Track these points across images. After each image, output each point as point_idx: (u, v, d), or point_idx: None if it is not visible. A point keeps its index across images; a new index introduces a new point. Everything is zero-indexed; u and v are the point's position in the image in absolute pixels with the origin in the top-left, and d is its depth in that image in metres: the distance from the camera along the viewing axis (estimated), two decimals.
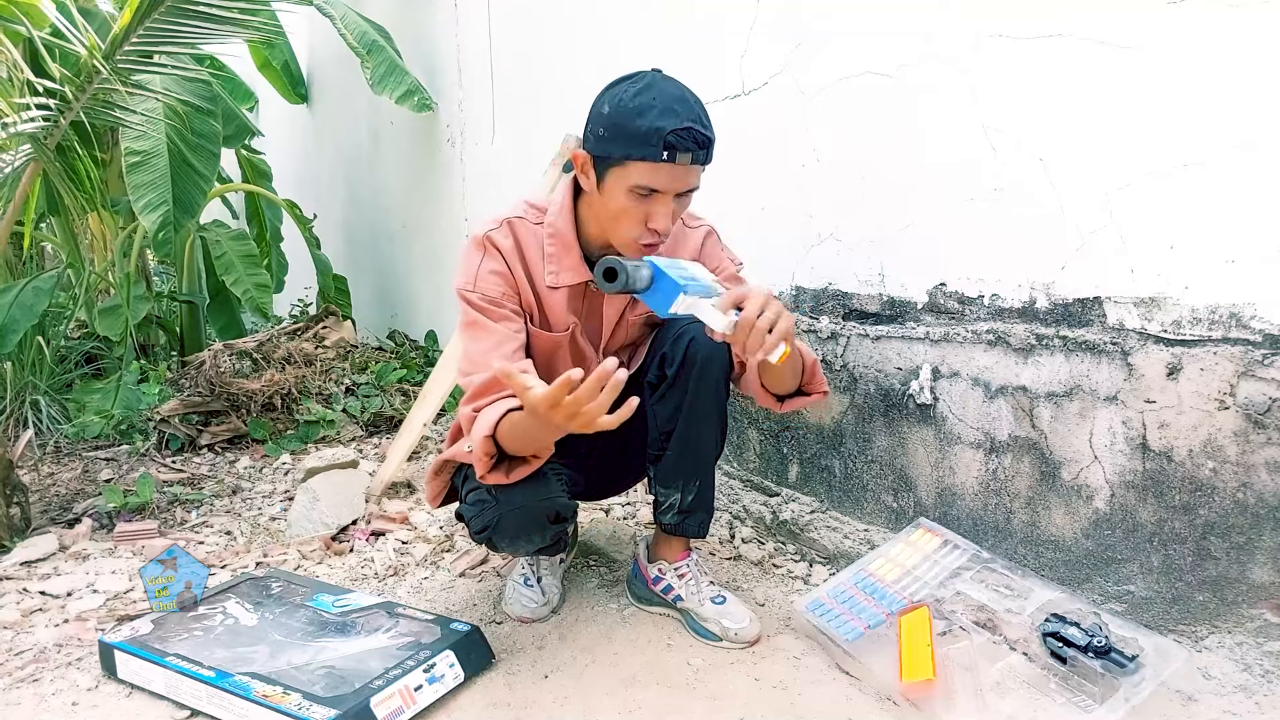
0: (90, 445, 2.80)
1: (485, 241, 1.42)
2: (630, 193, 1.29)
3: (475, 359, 1.37)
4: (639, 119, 1.25)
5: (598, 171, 1.33)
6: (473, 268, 1.42)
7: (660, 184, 1.28)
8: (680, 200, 1.33)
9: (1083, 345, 1.42)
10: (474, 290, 1.40)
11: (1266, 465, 1.25)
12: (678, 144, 1.24)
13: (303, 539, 2.05)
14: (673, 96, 1.27)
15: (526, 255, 1.44)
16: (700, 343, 1.44)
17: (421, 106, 3.27)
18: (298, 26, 4.69)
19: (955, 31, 1.54)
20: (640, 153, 1.25)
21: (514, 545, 1.46)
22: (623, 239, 1.35)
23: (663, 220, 1.30)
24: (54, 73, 2.03)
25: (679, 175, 1.28)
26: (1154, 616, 1.38)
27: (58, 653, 1.52)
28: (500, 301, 1.41)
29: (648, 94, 1.27)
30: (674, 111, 1.25)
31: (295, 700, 1.24)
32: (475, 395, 1.33)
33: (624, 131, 1.26)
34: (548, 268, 1.43)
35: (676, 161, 1.25)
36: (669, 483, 1.55)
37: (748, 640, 1.49)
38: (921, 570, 1.53)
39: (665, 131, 1.23)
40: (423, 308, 4.00)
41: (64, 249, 3.51)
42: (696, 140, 1.26)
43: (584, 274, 1.44)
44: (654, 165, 1.26)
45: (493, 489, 1.37)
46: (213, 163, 2.94)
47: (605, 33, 2.48)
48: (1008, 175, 1.50)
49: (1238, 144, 1.23)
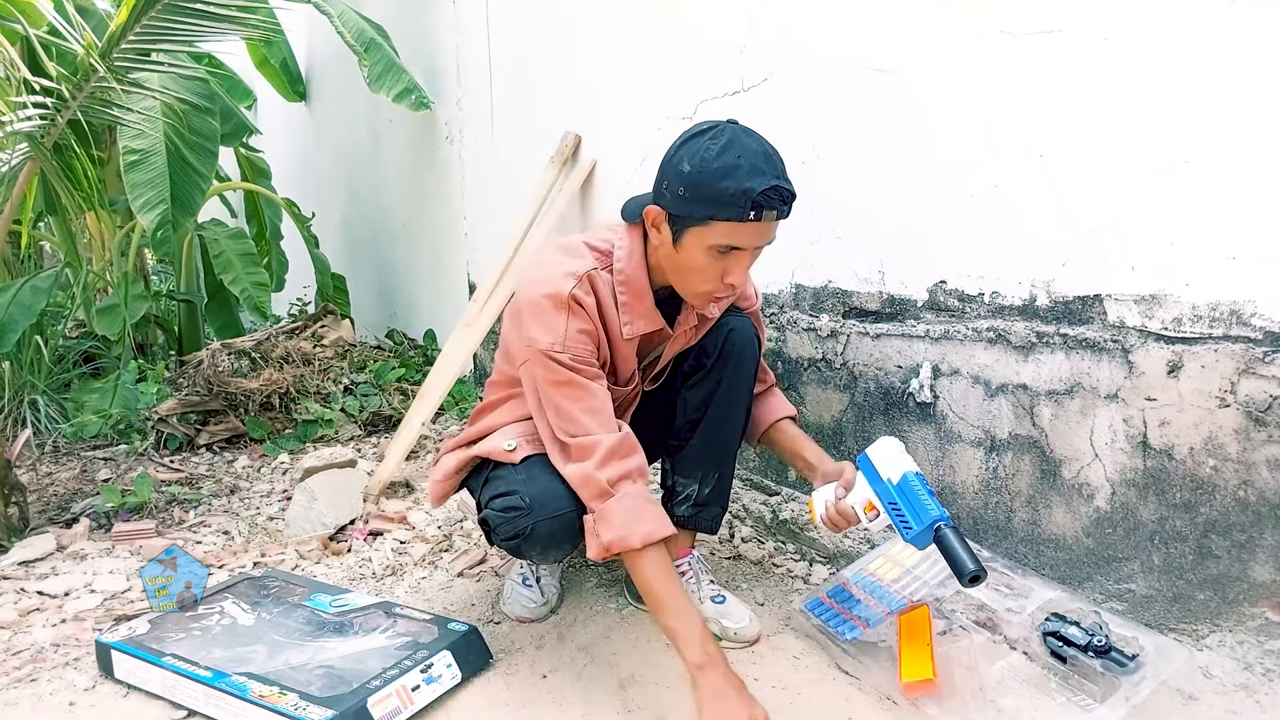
0: (88, 445, 2.80)
1: (571, 301, 1.33)
2: (710, 250, 1.27)
3: (577, 419, 1.32)
4: (725, 180, 1.21)
5: (674, 228, 1.30)
6: (559, 328, 1.32)
7: (743, 242, 1.26)
8: (756, 252, 1.31)
9: (1083, 343, 1.42)
10: (564, 351, 1.32)
11: (1267, 463, 1.24)
12: (765, 203, 1.21)
13: (300, 539, 2.04)
14: (757, 154, 1.23)
15: (604, 310, 1.38)
16: (738, 335, 1.49)
17: (419, 105, 3.26)
18: (296, 24, 4.68)
19: (956, 28, 1.54)
20: (726, 214, 1.23)
21: (544, 554, 1.43)
22: (696, 293, 1.34)
23: (740, 275, 1.30)
24: (51, 71, 2.02)
25: (762, 232, 1.26)
26: (1155, 615, 1.37)
27: (55, 652, 1.51)
28: (590, 361, 1.35)
29: (730, 152, 1.22)
30: (760, 171, 1.21)
31: (292, 700, 1.23)
32: (606, 460, 1.30)
33: (709, 193, 1.22)
34: (623, 318, 1.39)
35: (763, 220, 1.23)
36: (690, 472, 1.56)
37: (747, 640, 1.49)
38: (921, 569, 1.52)
39: (755, 193, 1.20)
40: (422, 307, 3.99)
41: (62, 248, 3.50)
42: (782, 198, 1.23)
43: (657, 321, 1.42)
44: (739, 225, 1.23)
45: (526, 497, 1.36)
46: (211, 161, 2.93)
47: (604, 30, 2.47)
48: (1008, 172, 1.49)
49: (1238, 140, 1.22)
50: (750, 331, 1.52)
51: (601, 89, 2.52)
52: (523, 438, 1.42)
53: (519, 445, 1.41)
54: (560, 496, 1.34)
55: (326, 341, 3.41)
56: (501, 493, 1.39)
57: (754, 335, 1.52)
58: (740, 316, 1.54)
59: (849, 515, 1.37)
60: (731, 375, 1.50)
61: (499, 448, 1.42)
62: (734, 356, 1.49)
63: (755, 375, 1.54)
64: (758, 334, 1.53)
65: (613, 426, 1.34)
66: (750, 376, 1.52)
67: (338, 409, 2.99)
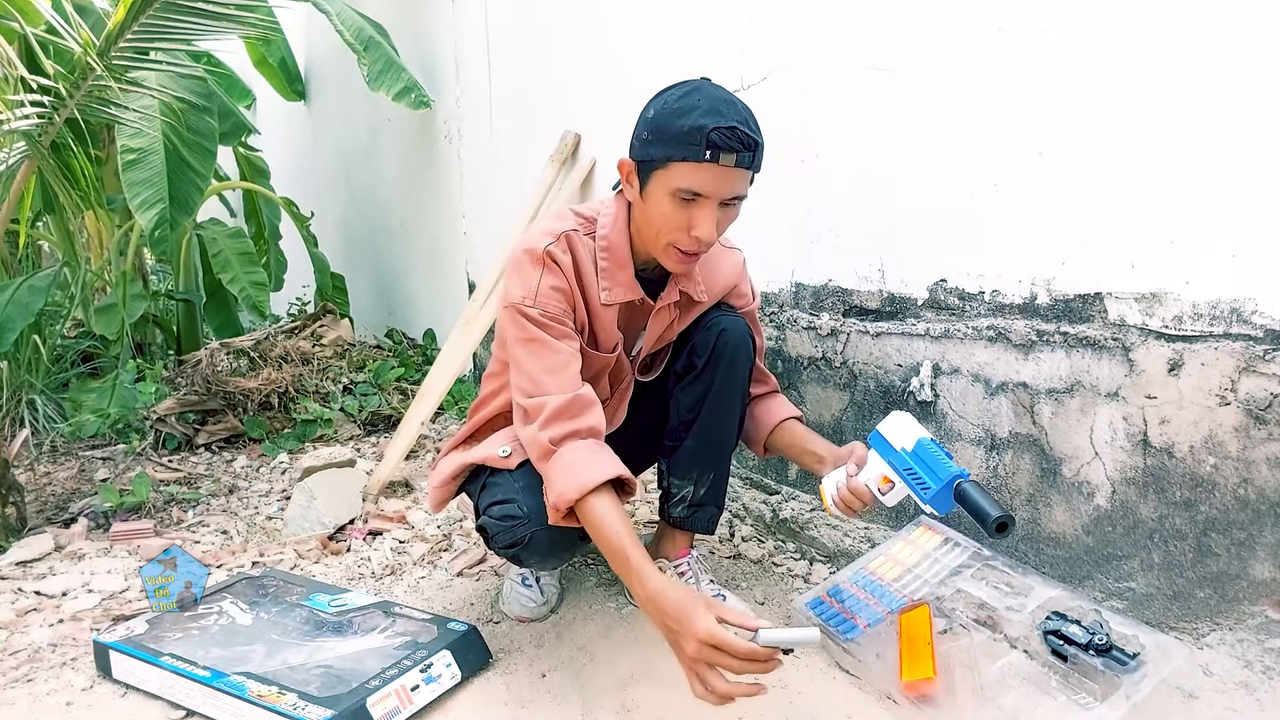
0: (86, 444, 2.79)
1: (545, 257, 1.34)
2: (673, 197, 1.25)
3: (537, 378, 1.31)
4: (682, 119, 1.21)
5: (641, 178, 1.30)
6: (533, 282, 1.34)
7: (704, 186, 1.23)
8: (726, 210, 1.28)
9: (1083, 341, 1.41)
10: (534, 306, 1.32)
11: (1267, 461, 1.24)
12: (721, 143, 1.20)
13: (299, 538, 2.04)
14: (719, 99, 1.23)
15: (582, 271, 1.38)
16: (730, 335, 1.46)
17: (419, 103, 3.26)
18: (294, 23, 4.68)
19: (955, 26, 1.53)
20: (682, 153, 1.21)
21: (544, 562, 1.43)
22: (663, 246, 1.31)
23: (705, 227, 1.26)
24: (48, 69, 2.01)
25: (723, 178, 1.23)
26: (1155, 614, 1.37)
27: (52, 653, 1.51)
28: (561, 319, 1.34)
29: (693, 96, 1.23)
30: (719, 111, 1.21)
31: (291, 700, 1.23)
32: (551, 420, 1.28)
33: (667, 132, 1.23)
34: (601, 283, 1.39)
35: (720, 162, 1.21)
36: (684, 473, 1.55)
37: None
38: (922, 568, 1.52)
39: (708, 129, 1.19)
40: (421, 306, 3.99)
41: (60, 247, 3.49)
42: (741, 140, 1.21)
43: (636, 291, 1.41)
44: (697, 166, 1.22)
45: (524, 505, 1.35)
46: (209, 160, 2.93)
47: (603, 28, 2.47)
48: (1008, 170, 1.49)
49: (1239, 138, 1.22)
50: (743, 331, 1.49)
51: (601, 87, 2.52)
52: (518, 441, 1.41)
53: (514, 451, 1.40)
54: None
55: (325, 341, 3.41)
56: (499, 500, 1.38)
57: (747, 335, 1.50)
58: (733, 316, 1.52)
59: (862, 493, 1.33)
60: (723, 375, 1.48)
61: (494, 454, 1.42)
62: (725, 357, 1.47)
63: (749, 375, 1.52)
64: (753, 334, 1.52)
65: (570, 387, 1.30)
66: (743, 376, 1.50)
67: (337, 408, 2.98)
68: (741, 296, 1.58)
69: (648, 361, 1.57)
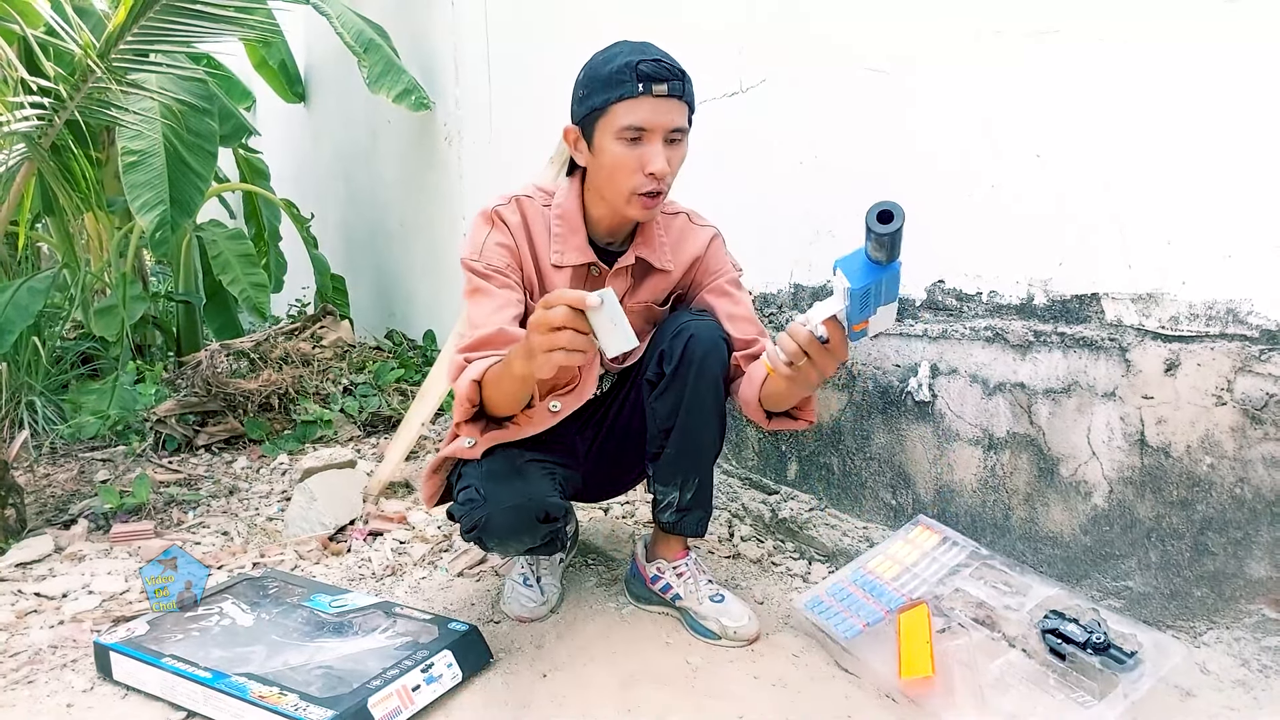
0: (86, 446, 2.79)
1: (494, 215, 1.44)
2: (619, 139, 1.32)
3: (476, 322, 1.38)
4: (609, 64, 1.31)
5: (587, 135, 1.37)
6: (479, 239, 1.43)
7: (644, 119, 1.30)
8: (673, 147, 1.34)
9: (1080, 341, 1.42)
10: (479, 260, 1.42)
11: (1264, 460, 1.24)
12: (651, 73, 1.28)
13: (300, 539, 2.04)
14: (638, 44, 1.34)
15: (533, 232, 1.46)
16: (700, 339, 1.43)
17: (419, 105, 3.27)
18: (294, 25, 4.69)
19: (953, 28, 1.54)
20: (617, 92, 1.29)
21: (504, 545, 1.44)
22: (622, 192, 1.36)
23: (658, 162, 1.31)
24: (48, 71, 2.02)
25: (661, 109, 1.30)
26: (1152, 612, 1.37)
27: (53, 654, 1.51)
28: (504, 271, 1.42)
29: (614, 48, 1.35)
30: (641, 49, 1.32)
31: (292, 701, 1.23)
32: (471, 347, 1.35)
33: (598, 80, 1.32)
34: (553, 247, 1.45)
35: (654, 93, 1.29)
36: (667, 480, 1.54)
37: (747, 638, 1.49)
38: (920, 567, 1.53)
39: (635, 63, 1.28)
40: (421, 307, 3.99)
41: (60, 249, 3.50)
42: (669, 69, 1.30)
43: (588, 255, 1.46)
44: (633, 101, 1.29)
45: (481, 488, 1.37)
46: (210, 162, 2.93)
47: (601, 30, 2.46)
48: (1005, 172, 1.49)
49: (1235, 139, 1.22)
50: (713, 334, 1.45)
51: None
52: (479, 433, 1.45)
53: (478, 441, 1.43)
54: (515, 487, 1.36)
55: (325, 342, 3.41)
56: (464, 487, 1.42)
57: (719, 337, 1.45)
58: (702, 319, 1.47)
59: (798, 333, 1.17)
60: (695, 380, 1.44)
61: (460, 446, 1.45)
62: (695, 363, 1.43)
63: (724, 376, 1.47)
64: (726, 336, 1.47)
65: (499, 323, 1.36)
66: (717, 378, 1.46)
67: (337, 409, 2.99)
68: (711, 272, 1.55)
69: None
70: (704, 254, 1.55)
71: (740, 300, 1.54)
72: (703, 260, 1.55)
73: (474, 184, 3.30)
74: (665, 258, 1.52)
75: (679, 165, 1.38)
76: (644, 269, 1.51)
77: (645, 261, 1.50)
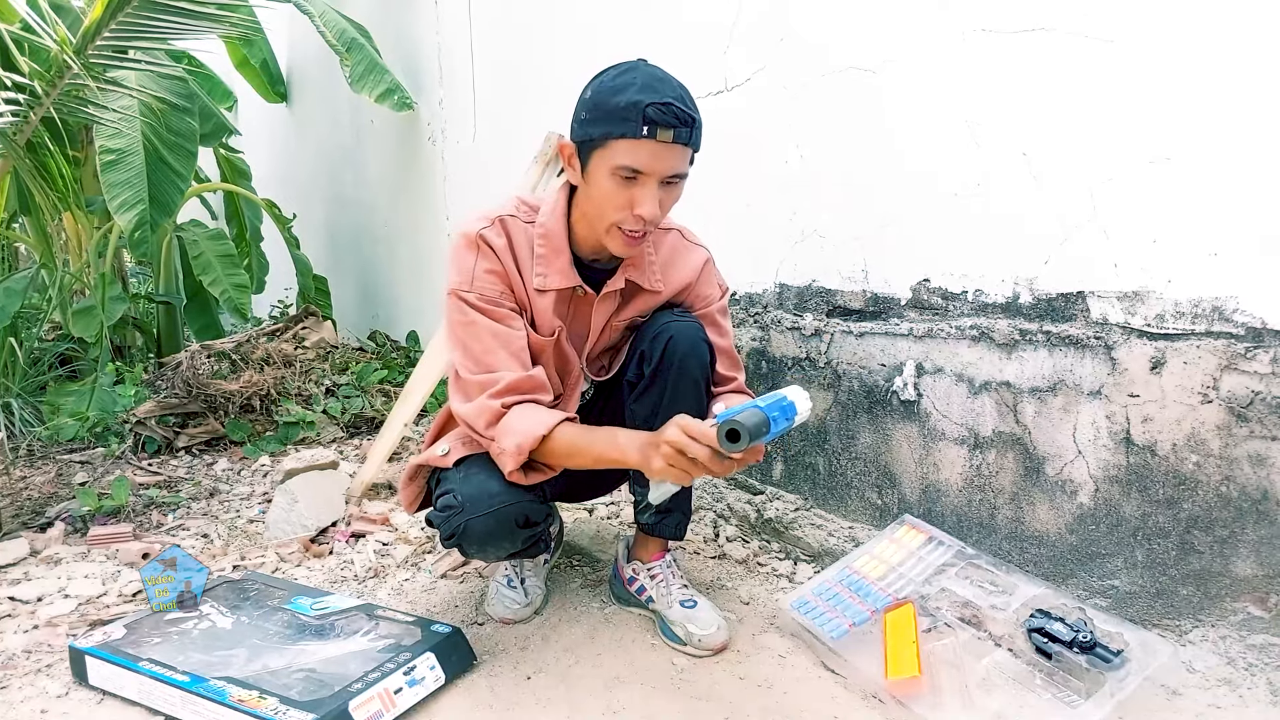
0: (64, 448, 2.75)
1: (479, 240, 1.37)
2: (613, 176, 1.25)
3: (480, 358, 1.34)
4: (618, 95, 1.22)
5: (582, 159, 1.31)
6: (467, 267, 1.37)
7: (643, 163, 1.23)
8: (668, 189, 1.28)
9: (1066, 340, 1.42)
10: (471, 290, 1.36)
11: (1249, 458, 1.25)
12: (658, 118, 1.20)
13: (281, 541, 2.02)
14: (655, 77, 1.25)
15: (519, 255, 1.39)
16: (679, 341, 1.41)
17: (401, 105, 3.24)
18: (276, 24, 4.63)
19: (939, 26, 1.54)
20: (620, 130, 1.22)
21: (483, 551, 1.41)
22: (607, 227, 1.31)
23: (648, 205, 1.25)
24: (23, 67, 1.98)
25: (662, 155, 1.23)
26: (1138, 611, 1.38)
27: (27, 659, 1.48)
28: (499, 301, 1.37)
29: (629, 74, 1.25)
30: (654, 88, 1.22)
31: (272, 704, 1.21)
32: (505, 392, 1.32)
33: (604, 110, 1.24)
34: (536, 269, 1.39)
35: (658, 138, 1.21)
36: (647, 481, 1.53)
37: (711, 648, 1.45)
38: (906, 567, 1.52)
39: (644, 105, 1.20)
40: (404, 308, 3.97)
41: (37, 249, 3.45)
42: (678, 116, 1.21)
43: (573, 278, 1.40)
44: (635, 142, 1.22)
45: (459, 494, 1.35)
46: (190, 161, 2.90)
47: (586, 28, 2.47)
48: (991, 170, 1.49)
49: (1220, 137, 1.23)
50: (695, 336, 1.43)
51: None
52: (458, 440, 1.43)
53: (453, 448, 1.42)
54: (493, 493, 1.34)
55: (308, 343, 3.38)
56: (442, 493, 1.40)
57: (699, 339, 1.43)
58: (685, 321, 1.45)
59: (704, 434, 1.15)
60: (675, 382, 1.42)
61: (435, 454, 1.43)
62: (675, 365, 1.41)
63: (706, 378, 1.45)
64: (706, 337, 1.44)
65: (520, 365, 1.35)
66: (696, 380, 1.43)
67: (319, 411, 2.96)
68: (702, 298, 1.52)
69: (604, 363, 1.54)
70: (695, 280, 1.51)
71: (725, 331, 1.53)
72: (694, 286, 1.51)
73: (458, 184, 3.28)
74: (655, 278, 1.47)
75: (671, 205, 1.32)
76: (633, 289, 1.47)
77: (634, 283, 1.46)
